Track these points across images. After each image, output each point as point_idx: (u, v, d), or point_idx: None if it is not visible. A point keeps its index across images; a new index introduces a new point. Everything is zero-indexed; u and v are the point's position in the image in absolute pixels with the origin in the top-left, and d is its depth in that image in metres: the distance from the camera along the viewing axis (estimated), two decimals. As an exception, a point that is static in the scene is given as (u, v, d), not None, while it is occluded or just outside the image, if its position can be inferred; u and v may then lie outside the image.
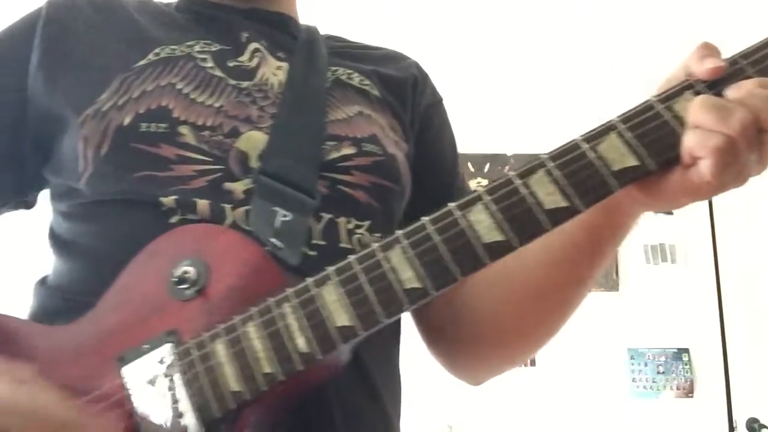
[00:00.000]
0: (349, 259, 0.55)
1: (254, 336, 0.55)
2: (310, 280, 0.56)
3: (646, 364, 3.01)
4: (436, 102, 0.89)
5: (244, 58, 0.76)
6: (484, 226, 0.53)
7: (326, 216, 0.68)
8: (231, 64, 0.74)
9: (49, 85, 0.71)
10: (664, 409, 2.94)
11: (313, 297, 0.55)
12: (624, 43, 2.93)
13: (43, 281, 0.72)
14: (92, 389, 0.57)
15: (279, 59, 0.78)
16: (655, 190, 0.54)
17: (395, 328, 0.76)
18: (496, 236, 0.53)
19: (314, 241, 0.66)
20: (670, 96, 0.53)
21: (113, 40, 0.74)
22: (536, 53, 3.03)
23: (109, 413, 0.56)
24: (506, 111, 3.02)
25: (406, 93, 0.84)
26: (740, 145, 0.49)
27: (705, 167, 0.49)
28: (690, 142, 0.50)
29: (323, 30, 0.89)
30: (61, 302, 0.67)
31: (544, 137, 1.29)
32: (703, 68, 0.52)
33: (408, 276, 0.53)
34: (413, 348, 0.80)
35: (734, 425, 2.55)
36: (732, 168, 0.49)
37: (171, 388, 0.56)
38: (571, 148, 0.54)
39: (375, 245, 0.55)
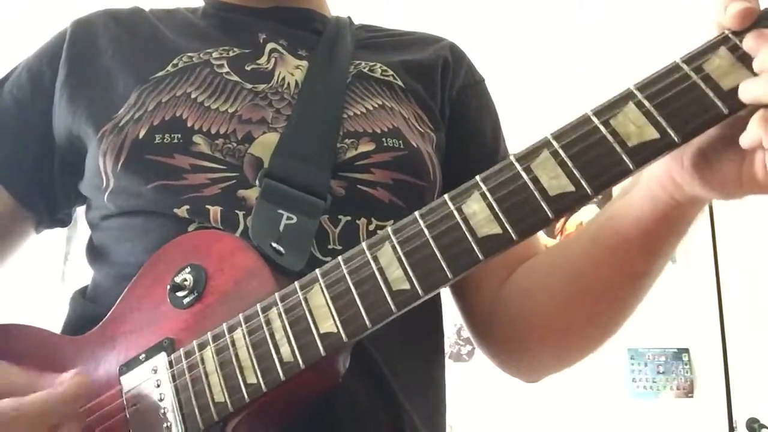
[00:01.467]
0: (338, 259, 0.52)
1: (240, 344, 0.53)
2: (297, 284, 0.53)
3: (646, 364, 3.00)
4: (474, 83, 0.85)
5: (263, 60, 0.75)
6: (480, 218, 0.47)
7: (344, 218, 0.65)
8: (249, 67, 0.73)
9: (72, 104, 0.72)
10: (664, 409, 2.93)
11: (299, 302, 0.52)
12: (628, 41, 2.92)
13: (82, 291, 0.72)
14: (98, 398, 0.57)
15: (300, 57, 0.76)
16: (708, 177, 0.48)
17: (434, 343, 0.73)
18: (492, 229, 0.47)
19: (330, 246, 0.63)
20: (699, 54, 0.45)
21: (134, 54, 0.74)
22: (538, 52, 3.03)
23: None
24: (506, 111, 3.01)
25: (434, 78, 0.80)
26: None
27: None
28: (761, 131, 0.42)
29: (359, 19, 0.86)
30: (92, 312, 0.66)
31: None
32: (728, 16, 0.43)
33: (396, 276, 0.49)
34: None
35: (734, 425, 2.54)
36: None
37: (161, 399, 0.55)
38: (580, 124, 0.47)
39: (364, 243, 0.51)
